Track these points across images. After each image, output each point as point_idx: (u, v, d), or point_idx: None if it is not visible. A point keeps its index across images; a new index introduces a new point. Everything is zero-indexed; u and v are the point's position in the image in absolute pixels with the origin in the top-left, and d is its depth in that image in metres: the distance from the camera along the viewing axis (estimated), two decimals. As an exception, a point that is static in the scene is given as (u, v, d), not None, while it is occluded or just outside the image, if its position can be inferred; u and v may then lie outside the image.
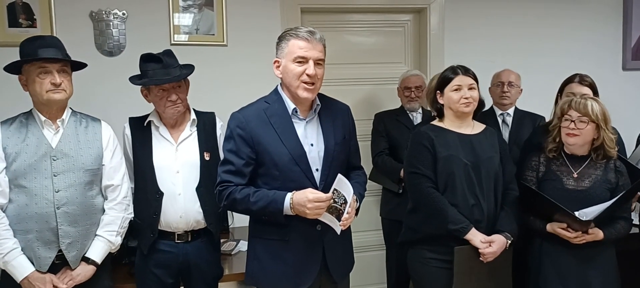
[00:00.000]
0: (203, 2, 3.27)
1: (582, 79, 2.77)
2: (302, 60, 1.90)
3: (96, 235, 2.13)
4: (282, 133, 1.94)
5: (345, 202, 1.87)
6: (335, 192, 1.85)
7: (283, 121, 1.96)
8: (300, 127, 1.98)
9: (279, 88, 2.03)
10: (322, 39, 1.95)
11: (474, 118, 2.37)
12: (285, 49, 1.94)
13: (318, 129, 2.01)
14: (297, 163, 1.93)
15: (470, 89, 2.25)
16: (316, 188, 1.92)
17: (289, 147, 1.93)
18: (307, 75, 1.90)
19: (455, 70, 2.29)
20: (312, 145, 1.98)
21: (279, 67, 1.97)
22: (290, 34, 1.94)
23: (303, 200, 1.84)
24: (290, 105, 1.98)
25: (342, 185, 1.85)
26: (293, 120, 1.98)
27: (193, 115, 2.36)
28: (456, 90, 2.26)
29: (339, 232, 1.93)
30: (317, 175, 1.96)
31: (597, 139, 2.25)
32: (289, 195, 1.87)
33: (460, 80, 2.25)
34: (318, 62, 1.93)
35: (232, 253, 2.74)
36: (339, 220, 1.89)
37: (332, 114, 2.05)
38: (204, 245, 2.33)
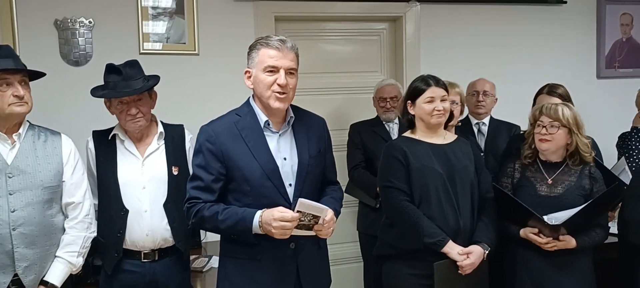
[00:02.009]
0: (173, 10, 3.19)
1: (554, 90, 2.79)
2: (273, 70, 1.83)
3: (56, 256, 2.02)
4: (253, 147, 1.86)
5: (314, 216, 1.79)
6: (299, 213, 1.77)
7: (255, 134, 1.88)
8: (273, 141, 1.90)
9: (251, 99, 1.96)
10: (294, 48, 1.88)
11: (446, 127, 2.35)
12: (255, 58, 1.87)
13: (292, 142, 1.94)
14: (270, 179, 1.85)
15: (442, 100, 2.24)
16: (289, 204, 1.84)
17: (260, 161, 1.85)
18: (278, 85, 1.83)
19: (427, 81, 2.26)
20: (285, 159, 1.90)
21: (250, 77, 1.90)
22: (260, 43, 1.87)
23: (269, 219, 1.76)
24: (263, 118, 1.90)
25: (304, 206, 1.76)
26: (265, 133, 1.90)
27: (160, 128, 2.28)
28: (429, 102, 2.23)
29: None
30: (290, 191, 1.89)
31: (571, 144, 2.28)
32: (258, 213, 1.79)
33: (433, 91, 2.23)
34: (290, 72, 1.86)
35: (204, 270, 2.65)
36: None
37: (306, 127, 1.98)
38: (172, 264, 2.24)
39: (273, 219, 1.74)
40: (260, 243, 1.84)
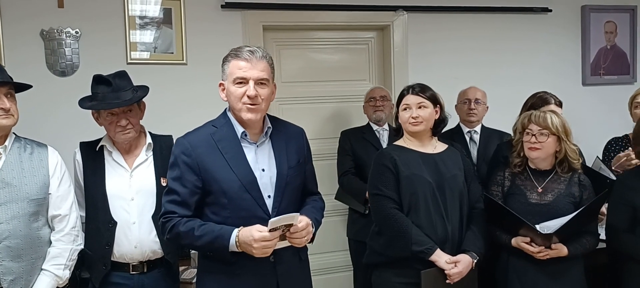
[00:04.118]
0: (161, 20, 3.17)
1: (555, 99, 2.81)
2: (242, 81, 1.81)
3: (42, 269, 1.99)
4: (230, 159, 1.83)
5: (287, 225, 1.76)
6: (273, 230, 1.73)
7: (232, 146, 1.85)
8: (250, 152, 1.87)
9: (228, 111, 1.92)
10: (265, 57, 1.85)
11: (436, 135, 2.35)
12: (227, 70, 1.85)
13: (270, 153, 1.90)
14: (248, 191, 1.81)
15: (419, 107, 2.23)
16: (268, 216, 1.81)
17: (238, 173, 1.82)
18: (248, 96, 1.80)
19: (406, 89, 2.28)
20: (263, 170, 1.87)
21: (224, 90, 1.88)
22: (231, 54, 1.85)
23: (249, 239, 1.72)
24: (239, 129, 1.87)
25: (275, 223, 1.73)
26: (242, 144, 1.87)
27: (149, 139, 2.25)
28: (404, 109, 2.25)
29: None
30: (269, 202, 1.85)
31: (560, 151, 2.29)
32: (235, 232, 1.76)
33: (407, 99, 2.25)
34: (261, 82, 1.83)
35: (193, 281, 2.61)
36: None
37: (285, 137, 1.95)
38: (161, 276, 2.21)
39: (253, 240, 1.71)
40: (239, 256, 1.80)
